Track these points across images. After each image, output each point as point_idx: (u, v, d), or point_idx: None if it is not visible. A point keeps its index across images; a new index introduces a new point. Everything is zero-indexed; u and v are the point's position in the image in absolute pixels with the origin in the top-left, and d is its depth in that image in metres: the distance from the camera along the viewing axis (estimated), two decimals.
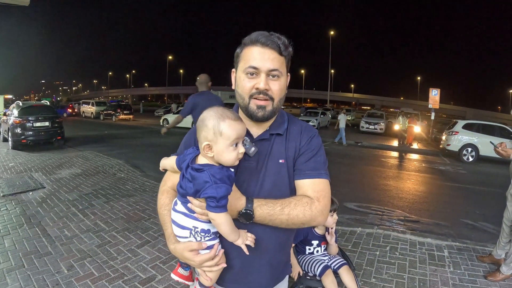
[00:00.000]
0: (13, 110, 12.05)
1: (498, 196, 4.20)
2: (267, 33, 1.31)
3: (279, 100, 1.34)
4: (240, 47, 1.36)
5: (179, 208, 1.24)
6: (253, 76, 1.29)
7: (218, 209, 1.12)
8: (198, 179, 1.13)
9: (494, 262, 3.87)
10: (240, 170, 1.31)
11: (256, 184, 1.32)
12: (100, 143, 13.90)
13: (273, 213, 1.23)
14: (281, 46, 1.29)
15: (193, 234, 1.22)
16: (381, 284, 3.43)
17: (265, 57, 1.27)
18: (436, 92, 19.19)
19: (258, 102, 1.30)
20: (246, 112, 1.34)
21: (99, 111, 31.53)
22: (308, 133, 1.41)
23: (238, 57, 1.36)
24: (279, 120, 1.42)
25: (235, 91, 1.38)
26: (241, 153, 1.20)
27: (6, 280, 3.28)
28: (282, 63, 1.32)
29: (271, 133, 1.38)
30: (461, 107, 65.95)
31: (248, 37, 1.33)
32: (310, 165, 1.35)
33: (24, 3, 9.42)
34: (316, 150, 1.38)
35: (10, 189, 6.36)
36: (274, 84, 1.30)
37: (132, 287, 3.22)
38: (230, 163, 1.19)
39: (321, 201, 1.29)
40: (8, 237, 4.24)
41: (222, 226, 1.16)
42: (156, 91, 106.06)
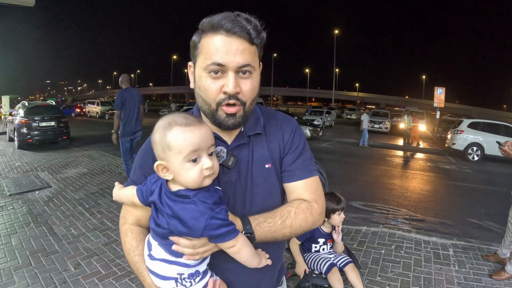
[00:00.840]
0: (19, 110, 12.14)
1: (503, 195, 4.19)
2: (233, 15, 1.02)
3: (251, 103, 1.08)
4: (197, 34, 1.06)
5: (156, 253, 0.98)
6: (217, 75, 1.01)
7: (234, 233, 0.92)
8: (189, 213, 0.88)
9: (499, 261, 3.86)
10: (223, 187, 1.06)
11: (244, 200, 1.12)
12: (106, 143, 13.91)
13: (274, 229, 1.06)
14: (252, 32, 1.01)
15: (180, 282, 0.97)
16: (386, 282, 3.44)
17: (232, 49, 0.99)
18: (441, 91, 19.11)
19: (228, 110, 1.03)
20: (212, 119, 1.08)
21: (104, 110, 31.69)
22: (289, 125, 1.21)
23: (196, 48, 1.06)
24: (253, 118, 1.17)
25: (195, 93, 1.11)
26: (207, 168, 0.91)
27: (13, 278, 3.31)
28: (254, 54, 1.05)
29: (249, 135, 1.15)
30: (466, 106, 65.58)
31: (207, 20, 1.02)
32: (299, 164, 1.17)
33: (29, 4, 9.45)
34: (302, 145, 1.20)
35: (16, 188, 6.41)
36: (246, 84, 1.04)
37: (139, 285, 3.24)
38: (194, 184, 0.91)
39: (319, 201, 1.16)
40: (15, 236, 4.29)
41: (243, 250, 0.96)
42: (161, 90, 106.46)
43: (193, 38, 1.07)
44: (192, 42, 1.07)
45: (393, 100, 75.71)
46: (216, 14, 1.02)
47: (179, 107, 32.09)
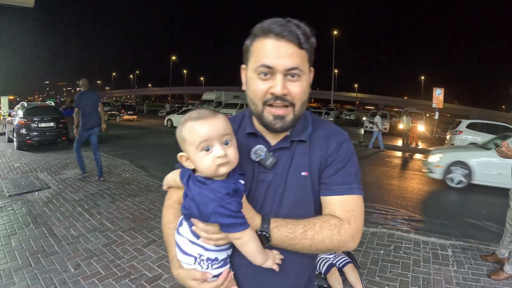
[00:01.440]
0: (18, 111, 12.13)
1: (501, 195, 4.21)
2: (283, 20, 1.04)
3: (301, 105, 1.09)
4: (249, 39, 1.10)
5: (184, 232, 1.06)
6: (266, 77, 1.04)
7: (241, 226, 0.95)
8: (201, 197, 0.96)
9: (497, 261, 3.88)
10: (256, 184, 1.12)
11: (273, 201, 1.12)
12: (105, 144, 13.94)
13: (293, 237, 1.03)
14: (301, 37, 1.03)
15: (198, 262, 1.04)
16: (385, 282, 3.45)
17: (281, 52, 1.02)
18: (440, 92, 19.10)
19: (274, 111, 1.06)
20: (260, 121, 1.10)
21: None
22: (337, 138, 1.17)
23: (248, 51, 1.10)
24: (302, 124, 1.17)
25: (246, 95, 1.14)
26: (219, 156, 0.96)
27: (13, 279, 3.32)
28: (304, 58, 1.06)
29: (292, 140, 1.15)
30: (465, 107, 65.65)
31: (259, 26, 1.07)
32: (339, 178, 1.12)
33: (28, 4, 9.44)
34: (347, 159, 1.14)
35: (16, 189, 6.41)
36: (294, 86, 1.05)
37: (139, 285, 3.26)
38: (209, 172, 0.98)
39: (352, 223, 1.07)
40: (14, 237, 4.29)
41: (248, 245, 0.99)
42: (160, 91, 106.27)
43: (246, 42, 1.10)
44: (245, 45, 1.11)
45: (392, 100, 75.75)
46: (267, 19, 1.06)
47: (178, 108, 32.05)
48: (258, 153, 1.12)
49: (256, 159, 1.12)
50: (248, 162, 1.13)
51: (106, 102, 36.51)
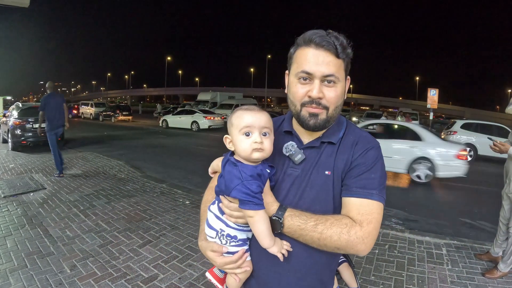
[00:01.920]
0: (12, 112, 12.07)
1: (495, 195, 4.24)
2: (323, 32, 1.16)
3: (334, 109, 1.19)
4: (293, 47, 1.23)
5: (213, 208, 1.21)
6: (305, 81, 1.16)
7: (256, 206, 1.06)
8: (230, 174, 1.10)
9: (491, 260, 3.91)
10: (283, 177, 1.22)
11: (295, 194, 1.20)
12: (100, 144, 13.93)
13: (304, 227, 1.09)
14: (338, 47, 1.14)
15: (219, 236, 1.18)
16: (380, 281, 3.48)
17: (319, 60, 1.14)
18: (434, 92, 19.20)
19: (310, 110, 1.17)
20: (298, 119, 1.22)
21: (98, 112, 31.57)
22: (365, 144, 1.22)
23: (291, 58, 1.23)
24: (335, 128, 1.26)
25: (287, 96, 1.26)
26: (256, 142, 1.10)
27: (9, 280, 3.31)
28: (340, 67, 1.17)
29: (323, 141, 1.24)
30: (459, 107, 66.08)
31: (302, 36, 1.19)
32: (361, 182, 1.16)
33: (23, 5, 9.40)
34: (371, 165, 1.18)
35: (11, 190, 6.39)
36: (329, 91, 1.16)
37: (135, 286, 3.26)
38: (245, 153, 1.11)
39: (364, 226, 1.10)
40: (10, 238, 4.27)
41: (259, 224, 1.08)
42: (155, 92, 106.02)
43: (290, 50, 1.24)
44: (289, 53, 1.25)
45: (387, 101, 76.13)
46: (309, 30, 1.18)
47: (173, 108, 31.99)
48: (289, 148, 1.23)
49: (287, 153, 1.24)
50: (280, 156, 1.25)
51: (101, 103, 36.33)
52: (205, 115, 21.88)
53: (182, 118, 22.58)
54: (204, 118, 21.48)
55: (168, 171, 8.97)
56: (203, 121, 21.34)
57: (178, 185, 7.21)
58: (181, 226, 4.79)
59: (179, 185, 7.28)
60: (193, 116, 22.01)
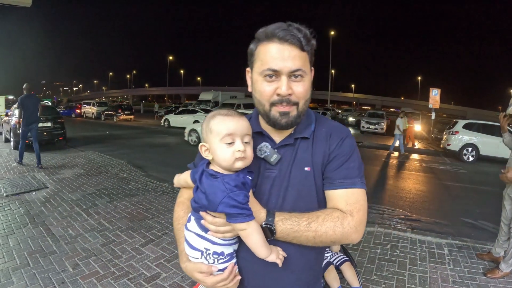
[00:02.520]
0: (15, 111, 12.08)
1: (497, 195, 4.23)
2: (285, 24, 1.11)
3: (304, 103, 1.17)
4: (254, 43, 1.17)
5: (191, 226, 1.13)
6: (272, 79, 1.11)
7: (246, 217, 1.01)
8: (212, 188, 1.03)
9: (493, 259, 3.92)
10: (261, 180, 1.18)
11: (278, 196, 1.17)
12: (102, 144, 13.94)
13: (297, 229, 1.07)
14: (303, 40, 1.10)
15: (205, 256, 1.11)
16: (382, 281, 3.48)
17: (284, 55, 1.09)
18: (436, 92, 19.19)
19: (280, 109, 1.13)
20: (267, 119, 1.18)
21: (100, 111, 31.60)
22: (339, 134, 1.22)
23: (253, 55, 1.17)
24: (305, 122, 1.24)
25: (253, 96, 1.21)
26: (239, 151, 1.05)
27: (12, 278, 3.32)
28: (305, 59, 1.13)
29: (296, 137, 1.21)
30: (461, 107, 65.94)
31: (262, 30, 1.13)
32: (342, 172, 1.16)
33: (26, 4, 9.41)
34: (349, 154, 1.18)
35: (13, 189, 6.41)
36: (298, 86, 1.12)
37: (137, 285, 3.27)
38: (226, 163, 1.06)
39: (355, 215, 1.11)
40: (12, 237, 4.29)
41: (252, 236, 1.03)
42: (157, 91, 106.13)
43: (250, 46, 1.18)
44: (249, 50, 1.19)
45: (389, 101, 76.07)
46: (270, 25, 1.13)
47: (175, 108, 31.95)
48: (263, 150, 1.19)
49: (261, 155, 1.19)
50: (255, 159, 1.17)
51: (103, 102, 36.36)
52: (207, 114, 21.87)
53: (184, 117, 22.56)
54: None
55: (170, 171, 8.95)
56: None
57: None
58: None
59: None
60: (195, 115, 21.97)
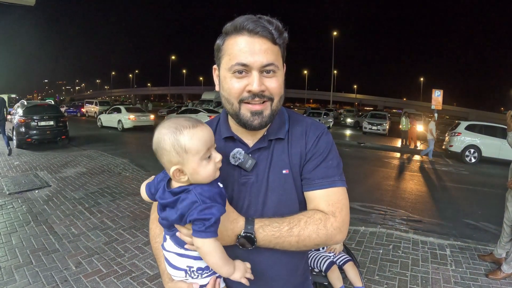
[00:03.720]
0: (17, 109, 12.12)
1: (499, 196, 4.23)
2: (255, 17, 1.03)
3: (279, 100, 1.08)
4: (220, 38, 1.08)
5: (168, 246, 1.05)
6: (242, 74, 1.02)
7: (204, 233, 0.89)
8: (184, 201, 0.92)
9: (495, 261, 3.91)
10: (238, 188, 1.11)
11: (257, 203, 1.09)
12: (104, 143, 13.96)
13: (279, 235, 1.00)
14: (274, 33, 1.02)
15: (189, 274, 1.03)
16: (384, 281, 3.48)
17: (255, 48, 1.00)
18: (439, 93, 19.12)
19: (252, 108, 1.04)
20: (237, 120, 1.08)
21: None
22: (315, 131, 1.14)
23: (220, 50, 1.08)
24: (278, 121, 1.16)
25: (220, 94, 1.12)
26: (219, 161, 0.98)
27: (14, 276, 3.34)
28: (277, 53, 1.05)
29: (270, 139, 1.13)
30: (464, 108, 65.83)
31: (230, 23, 1.04)
32: (321, 172, 1.10)
33: (29, 3, 9.45)
34: (326, 152, 1.12)
35: (16, 187, 6.43)
36: (271, 82, 1.03)
37: (140, 283, 3.28)
38: (209, 179, 0.96)
39: (337, 215, 1.05)
40: (15, 235, 4.31)
41: (210, 256, 0.93)
42: (159, 91, 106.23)
43: (217, 42, 1.09)
44: (216, 45, 1.09)
45: (391, 102, 75.94)
46: (238, 17, 1.03)
47: (177, 107, 31.90)
48: (237, 156, 1.10)
49: (235, 163, 1.11)
50: (228, 166, 1.11)
51: (105, 101, 36.36)
52: (209, 114, 21.85)
53: None
54: (209, 117, 21.28)
55: None
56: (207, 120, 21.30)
57: None
58: None
59: None
60: (197, 115, 21.98)
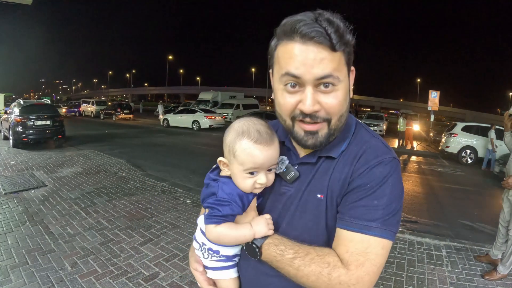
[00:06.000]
0: (14, 109, 12.08)
1: (495, 198, 4.25)
2: (311, 15, 0.84)
3: (338, 118, 0.91)
4: (274, 40, 0.91)
5: (199, 220, 1.09)
6: (294, 88, 0.87)
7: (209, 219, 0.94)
8: (209, 188, 0.98)
9: (491, 262, 3.93)
10: (274, 197, 1.02)
11: (285, 217, 0.98)
12: (101, 142, 13.92)
13: (280, 260, 0.89)
14: (333, 37, 0.82)
15: (201, 250, 1.06)
16: (380, 282, 3.48)
17: (308, 58, 0.82)
18: (435, 94, 19.18)
19: (305, 127, 0.90)
20: (291, 136, 0.97)
21: (99, 110, 31.58)
22: (371, 157, 0.92)
23: (272, 56, 0.93)
24: (339, 137, 0.97)
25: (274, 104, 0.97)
26: (260, 183, 0.93)
27: (10, 276, 3.32)
28: (339, 62, 0.86)
29: (320, 156, 0.98)
30: (460, 109, 65.91)
31: (282, 24, 0.88)
32: (358, 209, 0.88)
33: (26, 2, 9.43)
34: (375, 188, 0.88)
35: (12, 187, 6.40)
36: (328, 98, 0.86)
37: (136, 284, 3.27)
38: (244, 190, 0.95)
39: (352, 269, 0.83)
40: (11, 235, 4.29)
41: (221, 240, 0.96)
42: (156, 91, 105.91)
43: (271, 45, 0.93)
44: (270, 49, 0.94)
45: (388, 103, 75.95)
46: (294, 15, 0.87)
47: (175, 107, 31.78)
48: (279, 165, 1.00)
49: (277, 171, 1.01)
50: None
51: (102, 101, 36.31)
52: (206, 114, 21.87)
53: (183, 117, 22.56)
54: (205, 117, 21.46)
55: (169, 170, 8.97)
56: (204, 120, 21.33)
57: (179, 184, 7.22)
58: (182, 224, 4.79)
59: (180, 184, 7.29)
60: (194, 115, 21.98)
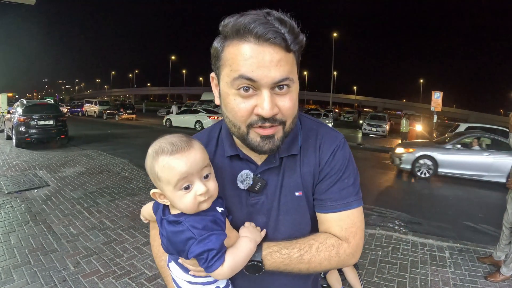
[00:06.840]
0: (17, 108, 12.12)
1: (499, 199, 4.23)
2: (262, 14, 0.80)
3: (292, 120, 0.90)
4: (219, 40, 0.86)
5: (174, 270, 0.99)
6: (248, 92, 0.81)
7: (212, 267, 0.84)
8: (177, 237, 0.85)
9: (494, 263, 3.91)
10: (247, 210, 0.99)
11: (268, 226, 0.98)
12: (104, 142, 13.94)
13: (289, 262, 0.91)
14: (288, 37, 0.79)
15: None
16: (383, 283, 3.48)
17: (265, 60, 0.78)
18: (438, 95, 19.09)
19: (263, 132, 0.85)
20: (245, 143, 0.91)
21: (102, 110, 31.64)
22: (330, 145, 0.98)
23: (218, 58, 0.86)
24: (291, 135, 0.96)
25: (222, 111, 0.93)
26: (201, 194, 0.84)
27: (12, 276, 3.33)
28: (292, 63, 0.84)
29: (281, 157, 0.98)
30: (463, 110, 65.77)
31: (231, 22, 0.81)
32: (335, 193, 0.95)
33: (30, 2, 9.46)
34: (342, 170, 0.96)
35: (15, 187, 6.42)
36: (284, 101, 0.84)
37: (138, 284, 3.27)
38: (191, 211, 0.85)
39: (351, 241, 0.95)
40: (13, 234, 4.30)
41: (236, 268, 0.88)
42: (159, 91, 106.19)
43: (215, 45, 0.87)
44: (214, 50, 0.88)
45: (391, 103, 75.89)
46: (240, 14, 0.81)
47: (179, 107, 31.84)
48: (246, 181, 0.97)
49: (245, 187, 0.98)
50: (234, 188, 0.99)
51: (105, 101, 36.38)
52: (209, 114, 21.86)
53: (186, 117, 22.59)
54: (208, 117, 21.45)
55: None
56: (206, 120, 21.32)
57: None
58: None
59: None
60: (197, 115, 22.00)
